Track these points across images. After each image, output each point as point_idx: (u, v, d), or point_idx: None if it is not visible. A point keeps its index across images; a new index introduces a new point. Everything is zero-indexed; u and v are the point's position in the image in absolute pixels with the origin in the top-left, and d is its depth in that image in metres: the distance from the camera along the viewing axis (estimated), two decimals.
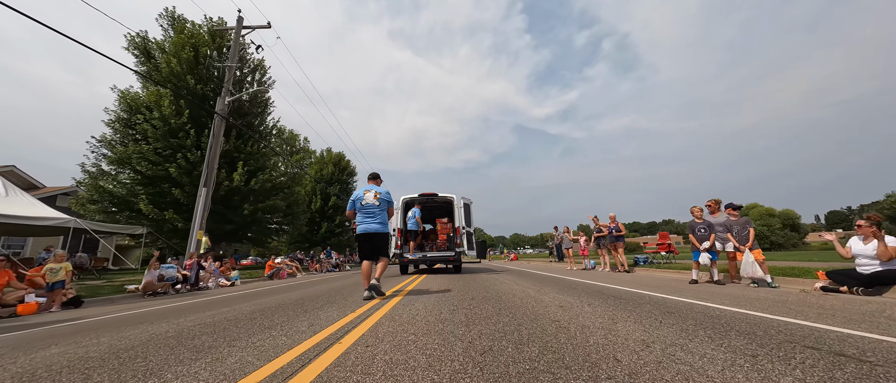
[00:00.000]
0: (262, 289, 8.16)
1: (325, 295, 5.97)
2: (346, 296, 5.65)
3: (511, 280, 7.51)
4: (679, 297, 4.59)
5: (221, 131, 11.85)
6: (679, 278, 7.13)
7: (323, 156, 38.42)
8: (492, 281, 7.33)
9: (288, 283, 9.93)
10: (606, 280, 7.06)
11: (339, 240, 34.76)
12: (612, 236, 9.26)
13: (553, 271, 10.52)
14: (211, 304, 5.60)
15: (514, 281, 7.29)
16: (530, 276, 8.55)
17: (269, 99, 21.08)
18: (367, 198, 5.08)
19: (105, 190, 14.48)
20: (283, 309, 4.53)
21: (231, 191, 15.96)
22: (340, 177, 36.64)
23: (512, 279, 7.72)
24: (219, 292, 7.95)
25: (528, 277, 8.26)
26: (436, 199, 10.98)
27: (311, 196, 34.47)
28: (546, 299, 4.55)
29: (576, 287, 5.91)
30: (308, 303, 5.06)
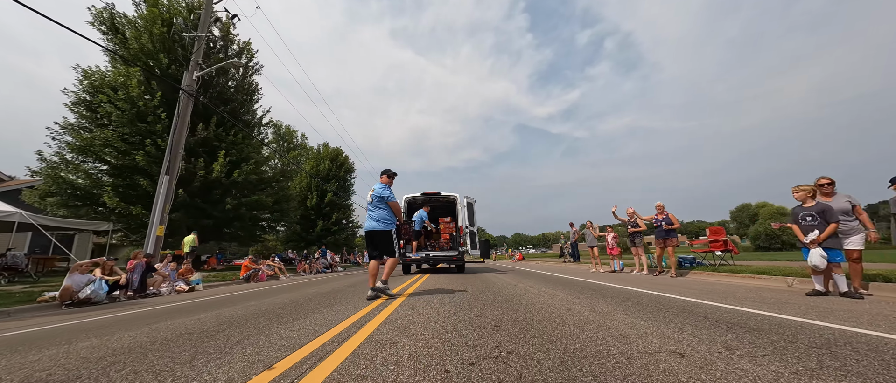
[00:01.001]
0: (227, 296, 6.54)
1: (300, 304, 4.50)
2: (329, 305, 4.20)
3: (536, 287, 5.85)
4: (802, 317, 2.94)
5: (188, 111, 10.23)
6: (763, 286, 5.48)
7: (319, 151, 36.81)
8: (508, 286, 5.68)
9: (264, 287, 8.31)
10: (657, 286, 5.42)
11: (336, 238, 33.13)
12: (661, 231, 7.56)
13: (576, 273, 8.87)
14: (137, 320, 3.98)
15: (541, 289, 5.63)
16: (555, 281, 6.89)
17: (256, 85, 19.46)
18: (368, 196, 5.03)
19: (65, 181, 12.87)
20: (237, 326, 3.13)
21: (210, 184, 14.34)
22: (338, 174, 35.01)
23: (534, 285, 6.08)
24: (169, 300, 6.33)
25: (554, 283, 6.60)
26: (439, 198, 10.60)
27: (307, 192, 32.87)
28: (622, 327, 2.89)
29: (636, 300, 4.25)
30: (274, 315, 3.69)
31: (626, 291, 5.10)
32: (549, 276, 8.09)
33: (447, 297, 4.66)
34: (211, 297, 6.50)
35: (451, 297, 4.65)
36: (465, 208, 10.17)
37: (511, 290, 5.34)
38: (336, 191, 33.32)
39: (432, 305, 4.05)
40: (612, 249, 9.02)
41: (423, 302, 4.27)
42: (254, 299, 5.77)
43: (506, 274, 9.66)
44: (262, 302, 5.19)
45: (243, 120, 17.95)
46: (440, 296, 4.77)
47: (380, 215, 4.88)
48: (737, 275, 6.36)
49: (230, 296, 6.48)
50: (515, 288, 5.50)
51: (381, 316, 3.47)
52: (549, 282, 6.47)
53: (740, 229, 78.36)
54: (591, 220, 9.78)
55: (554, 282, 6.66)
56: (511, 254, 43.37)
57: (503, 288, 5.69)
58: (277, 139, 47.96)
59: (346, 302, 4.63)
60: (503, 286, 6.03)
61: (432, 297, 4.71)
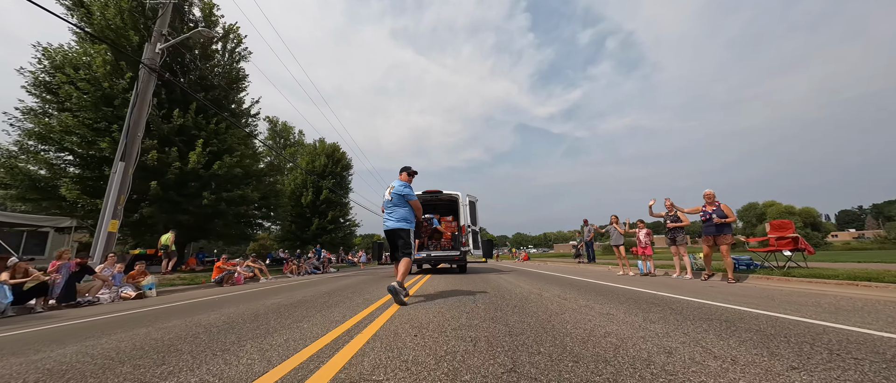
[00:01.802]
0: (177, 305, 5.18)
1: (262, 317, 3.36)
2: (303, 318, 3.08)
3: (574, 299, 4.47)
4: None
5: (150, 88, 8.86)
6: (876, 297, 4.07)
7: (315, 147, 35.45)
8: (531, 298, 4.29)
9: (232, 293, 6.93)
10: (729, 296, 4.04)
11: (332, 237, 31.75)
12: (711, 226, 6.14)
13: (600, 277, 7.48)
14: (26, 343, 2.61)
15: (583, 301, 4.24)
16: (589, 290, 5.49)
17: (243, 73, 18.11)
18: (386, 193, 4.88)
19: (21, 171, 11.52)
20: (139, 357, 1.71)
21: (185, 175, 12.97)
22: (335, 170, 33.63)
23: (566, 294, 4.69)
24: (100, 310, 4.96)
25: (592, 292, 5.20)
26: (440, 197, 10.22)
27: (302, 189, 31.53)
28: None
29: (722, 317, 2.84)
30: (216, 334, 2.69)
31: (695, 304, 3.71)
32: (575, 281, 6.70)
33: (453, 306, 3.29)
34: (156, 307, 5.13)
35: (460, 306, 3.28)
36: (466, 207, 9.82)
37: (537, 303, 3.96)
38: (332, 189, 31.95)
39: (437, 316, 2.66)
40: (645, 248, 7.61)
41: (424, 312, 2.89)
42: (207, 310, 4.42)
43: (514, 275, 8.28)
44: (214, 316, 3.86)
45: (229, 109, 16.60)
46: (444, 305, 3.40)
47: (401, 214, 4.69)
48: (821, 282, 4.95)
49: (180, 306, 5.10)
50: (543, 302, 4.11)
51: (359, 341, 2.09)
52: (582, 291, 5.07)
53: (747, 229, 76.74)
54: (616, 215, 8.39)
55: (587, 290, 5.26)
56: (514, 253, 41.89)
57: (526, 300, 4.30)
58: (273, 135, 46.82)
59: (326, 312, 3.33)
60: (524, 296, 4.64)
61: (435, 306, 3.34)
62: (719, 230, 6.20)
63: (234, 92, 17.08)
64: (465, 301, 4.16)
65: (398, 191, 4.70)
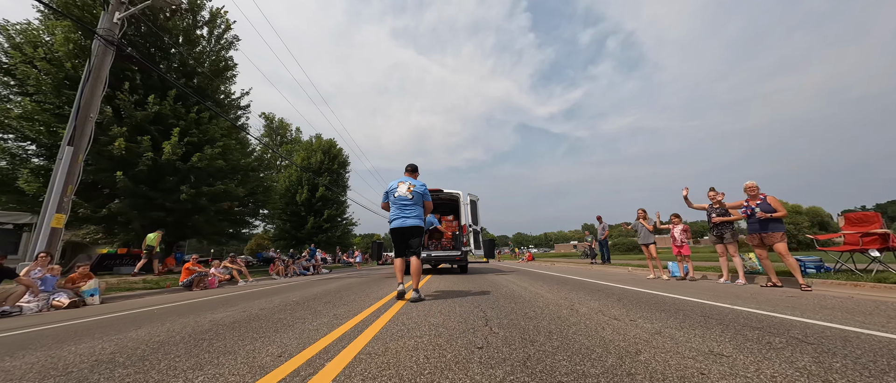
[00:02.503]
0: (114, 317, 4.01)
1: (203, 338, 2.16)
2: (228, 351, 1.60)
3: (617, 315, 3.31)
4: None
5: (106, 63, 7.70)
6: None
7: (311, 143, 34.28)
8: (562, 313, 3.13)
9: (195, 299, 5.77)
10: (842, 314, 2.89)
11: (328, 237, 30.59)
12: (754, 223, 5.05)
13: (629, 281, 6.32)
14: None
15: (632, 317, 3.08)
16: (635, 301, 4.34)
17: (231, 61, 16.96)
18: (401, 189, 4.67)
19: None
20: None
21: (160, 167, 11.82)
22: (331, 167, 32.45)
23: (606, 307, 3.53)
24: (9, 326, 3.81)
25: (640, 305, 4.05)
26: (441, 196, 9.99)
27: (297, 186, 30.37)
28: None
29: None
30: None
31: (818, 328, 2.55)
32: (607, 288, 5.54)
33: (462, 332, 2.13)
34: (84, 320, 3.98)
35: (471, 334, 2.12)
36: (468, 206, 9.66)
37: (581, 329, 2.80)
38: (329, 186, 30.79)
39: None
40: (681, 246, 6.44)
41: (415, 342, 1.71)
42: (133, 327, 3.26)
43: (525, 279, 7.11)
44: (145, 334, 2.70)
45: (214, 99, 15.45)
46: (447, 333, 2.25)
47: (418, 212, 4.66)
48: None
49: (109, 320, 3.94)
50: (588, 324, 2.95)
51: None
52: (631, 305, 3.92)
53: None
54: (643, 209, 7.22)
55: (636, 303, 4.11)
56: (517, 253, 40.58)
57: (561, 320, 3.15)
58: (270, 132, 45.69)
59: (271, 338, 2.17)
60: (553, 312, 3.50)
61: (435, 337, 2.18)
62: (764, 227, 5.07)
63: (220, 80, 15.92)
64: (475, 323, 3.00)
65: (420, 190, 4.70)
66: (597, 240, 12.22)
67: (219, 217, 14.24)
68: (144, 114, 11.75)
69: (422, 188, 4.74)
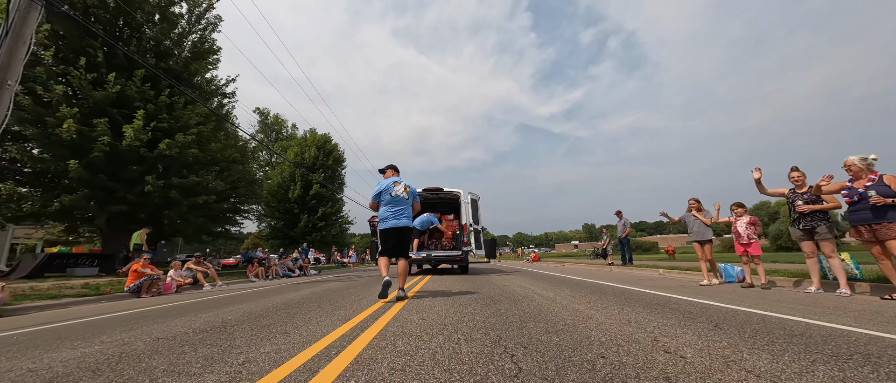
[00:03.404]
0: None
1: None
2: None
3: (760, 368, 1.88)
4: None
5: (29, 23, 6.25)
6: None
7: (305, 138, 32.90)
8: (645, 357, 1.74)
9: (129, 310, 4.37)
10: None
11: (323, 235, 29.21)
12: (863, 211, 3.71)
13: (680, 290, 4.93)
14: None
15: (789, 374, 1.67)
16: (736, 324, 2.94)
17: (215, 46, 15.58)
18: (397, 189, 4.56)
19: None
20: None
21: (121, 155, 10.42)
22: (325, 163, 31.07)
23: (709, 342, 2.14)
24: None
25: (757, 335, 2.64)
26: (441, 194, 9.89)
27: (290, 183, 28.98)
28: None
29: None
30: None
31: None
32: (670, 302, 4.17)
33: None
34: None
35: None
36: (469, 205, 9.44)
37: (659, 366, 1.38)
38: (323, 183, 29.40)
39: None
40: (748, 244, 5.02)
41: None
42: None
43: (542, 284, 5.73)
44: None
45: (191, 83, 14.05)
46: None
47: (410, 213, 4.63)
48: None
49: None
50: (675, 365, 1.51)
51: None
52: (723, 329, 2.52)
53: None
54: (696, 198, 5.82)
55: (719, 321, 2.74)
56: (520, 253, 39.06)
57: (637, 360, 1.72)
58: (265, 128, 44.33)
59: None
60: (622, 346, 2.08)
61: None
62: (880, 215, 3.69)
63: (200, 64, 14.51)
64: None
65: (412, 190, 4.69)
66: (618, 239, 10.79)
67: (194, 213, 12.83)
68: (104, 95, 10.35)
69: (413, 188, 4.76)
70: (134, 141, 10.12)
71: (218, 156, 13.96)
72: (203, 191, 12.49)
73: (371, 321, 3.05)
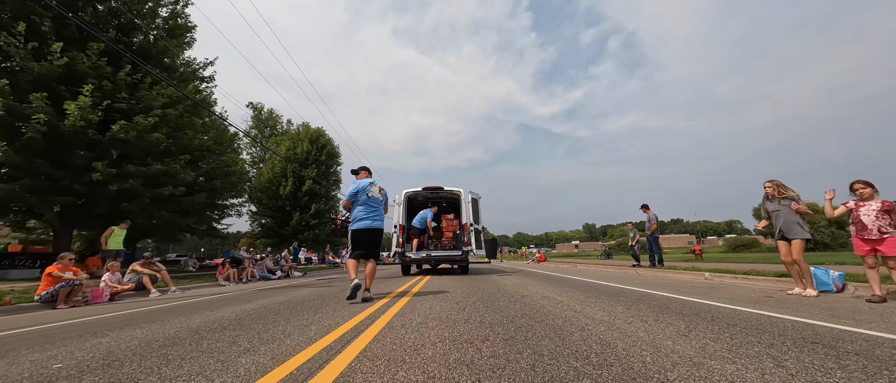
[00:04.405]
0: None
1: None
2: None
3: None
4: None
5: None
6: None
7: (298, 132, 31.41)
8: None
9: (32, 326, 2.91)
10: None
11: (316, 234, 27.72)
12: None
13: (763, 303, 3.46)
14: None
15: None
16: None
17: (189, 24, 14.12)
18: (373, 191, 4.55)
19: None
20: None
21: (63, 137, 8.93)
22: (318, 158, 29.56)
23: None
24: None
25: None
26: (441, 193, 9.79)
27: (281, 178, 27.48)
28: None
29: None
30: None
31: None
32: (764, 322, 2.68)
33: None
34: None
35: None
36: (469, 204, 9.31)
37: None
38: (316, 179, 27.91)
39: None
40: (879, 240, 3.50)
41: None
42: None
43: (570, 292, 4.27)
44: None
45: (157, 60, 12.56)
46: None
47: (382, 215, 4.64)
48: None
49: None
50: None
51: None
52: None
53: (766, 228, 72.59)
54: (776, 180, 4.33)
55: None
56: (523, 253, 37.45)
57: None
58: (258, 124, 42.82)
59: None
60: None
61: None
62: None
63: (170, 42, 13.00)
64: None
65: (385, 194, 4.73)
66: (646, 236, 9.29)
67: (160, 206, 11.33)
68: (47, 68, 8.86)
69: (385, 192, 4.79)
70: (79, 121, 8.63)
71: (191, 144, 12.49)
72: (170, 182, 11.00)
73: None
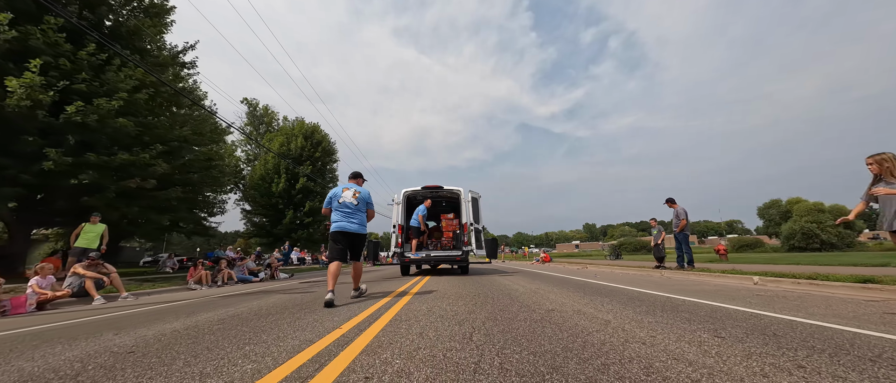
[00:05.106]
0: None
1: None
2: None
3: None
4: None
5: None
6: None
7: (292, 127, 30.29)
8: None
9: None
10: None
11: (310, 233, 26.61)
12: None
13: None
14: None
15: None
16: None
17: (166, 5, 13.01)
18: (346, 195, 4.63)
19: None
20: None
21: (7, 121, 7.81)
22: (313, 154, 28.44)
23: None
24: None
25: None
26: (441, 192, 9.68)
27: (274, 175, 26.37)
28: None
29: None
30: None
31: None
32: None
33: None
34: None
35: None
36: (469, 203, 9.29)
37: None
38: (311, 176, 26.79)
39: None
40: None
41: None
42: None
43: (602, 303, 3.19)
44: None
45: (124, 39, 11.42)
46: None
47: (362, 219, 4.68)
48: None
49: None
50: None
51: None
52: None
53: (770, 227, 71.49)
54: (882, 155, 3.25)
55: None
56: (526, 253, 36.33)
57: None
58: (253, 120, 41.69)
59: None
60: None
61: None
62: None
63: (144, 21, 11.88)
64: None
65: (366, 197, 4.73)
66: (676, 232, 8.13)
67: (127, 201, 10.20)
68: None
69: (367, 195, 4.77)
70: (24, 100, 7.50)
71: (167, 134, 11.37)
72: (139, 174, 9.88)
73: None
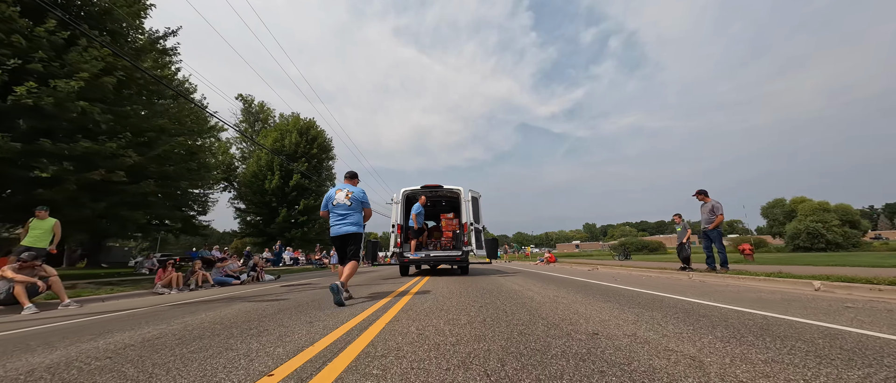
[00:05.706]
0: None
1: None
2: None
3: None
4: None
5: None
6: None
7: (287, 122, 29.31)
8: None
9: None
10: None
11: (304, 232, 25.64)
12: None
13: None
14: None
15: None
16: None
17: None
18: (339, 197, 4.73)
19: None
20: None
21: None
22: (308, 151, 27.45)
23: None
24: None
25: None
26: (440, 192, 9.68)
27: (267, 172, 25.40)
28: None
29: None
30: None
31: None
32: None
33: None
34: None
35: None
36: (469, 203, 9.10)
37: None
38: (306, 173, 25.81)
39: None
40: None
41: None
42: None
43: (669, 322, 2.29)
44: None
45: (105, 25, 10.46)
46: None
47: (356, 219, 4.73)
48: None
49: None
50: None
51: None
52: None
53: (774, 227, 70.55)
54: None
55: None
56: (528, 253, 35.34)
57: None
58: (248, 116, 40.73)
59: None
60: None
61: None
62: None
63: (119, 0, 10.89)
64: None
65: (359, 197, 4.78)
66: (704, 233, 7.16)
67: (91, 195, 9.22)
68: None
69: (361, 195, 4.81)
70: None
71: (142, 124, 10.42)
72: (105, 165, 8.91)
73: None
